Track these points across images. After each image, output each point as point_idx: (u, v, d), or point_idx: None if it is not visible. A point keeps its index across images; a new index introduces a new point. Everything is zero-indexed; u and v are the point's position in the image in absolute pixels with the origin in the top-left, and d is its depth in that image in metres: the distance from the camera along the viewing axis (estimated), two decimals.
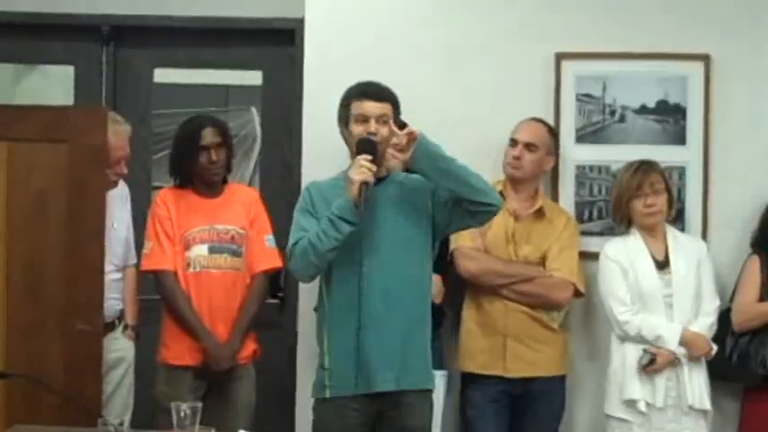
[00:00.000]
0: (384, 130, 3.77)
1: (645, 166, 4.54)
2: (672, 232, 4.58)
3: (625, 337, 4.48)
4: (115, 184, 4.50)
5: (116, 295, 4.49)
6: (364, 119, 3.79)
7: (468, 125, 4.73)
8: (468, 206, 3.74)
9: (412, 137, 3.71)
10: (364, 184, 3.66)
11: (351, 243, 3.72)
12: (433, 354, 3.96)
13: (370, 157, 3.70)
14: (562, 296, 4.53)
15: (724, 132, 4.78)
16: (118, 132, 4.41)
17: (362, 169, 3.67)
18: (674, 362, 4.42)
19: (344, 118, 3.85)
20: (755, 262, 4.57)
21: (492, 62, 4.86)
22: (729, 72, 4.78)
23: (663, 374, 4.42)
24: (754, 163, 4.77)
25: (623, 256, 4.52)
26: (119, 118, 4.49)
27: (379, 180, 3.80)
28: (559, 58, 4.82)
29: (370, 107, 3.80)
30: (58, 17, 5.18)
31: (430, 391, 3.90)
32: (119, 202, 4.55)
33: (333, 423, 3.82)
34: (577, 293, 4.58)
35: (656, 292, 4.47)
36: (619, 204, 4.57)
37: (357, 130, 3.79)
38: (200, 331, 4.31)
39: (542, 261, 4.55)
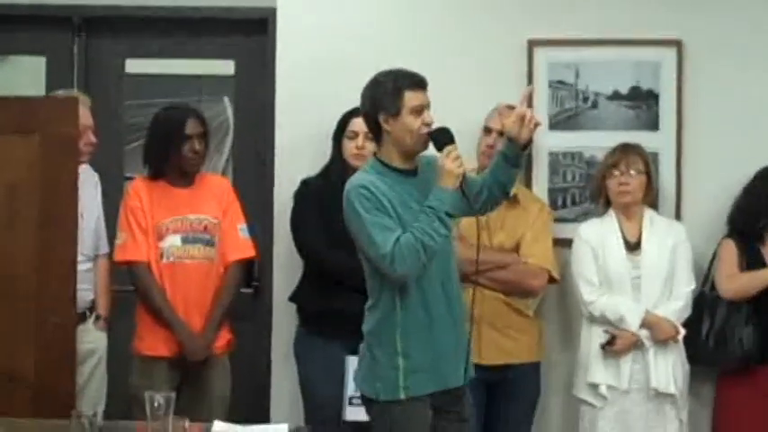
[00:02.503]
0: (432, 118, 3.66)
1: (624, 147, 4.56)
2: (649, 215, 4.58)
3: (591, 318, 4.49)
4: (87, 156, 4.45)
5: (87, 286, 4.44)
6: (420, 109, 3.63)
7: (441, 113, 4.67)
8: (497, 193, 3.77)
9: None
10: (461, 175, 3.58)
11: None
12: None
13: (457, 147, 3.61)
14: (537, 283, 4.51)
15: (697, 118, 4.79)
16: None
17: (459, 160, 3.58)
18: (637, 344, 4.43)
19: (395, 109, 3.61)
20: (729, 244, 4.59)
21: (464, 50, 4.86)
22: (702, 57, 4.79)
23: (628, 357, 4.43)
24: (726, 148, 4.77)
25: (595, 236, 4.54)
26: (75, 91, 4.42)
27: (415, 170, 3.71)
28: (532, 45, 4.82)
29: (424, 97, 3.66)
30: (28, 8, 5.13)
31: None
32: (88, 191, 4.50)
33: (410, 424, 3.63)
34: (552, 280, 4.57)
35: (624, 274, 4.48)
36: (594, 181, 4.63)
37: (416, 122, 3.62)
38: (175, 322, 4.29)
39: (516, 248, 4.53)
